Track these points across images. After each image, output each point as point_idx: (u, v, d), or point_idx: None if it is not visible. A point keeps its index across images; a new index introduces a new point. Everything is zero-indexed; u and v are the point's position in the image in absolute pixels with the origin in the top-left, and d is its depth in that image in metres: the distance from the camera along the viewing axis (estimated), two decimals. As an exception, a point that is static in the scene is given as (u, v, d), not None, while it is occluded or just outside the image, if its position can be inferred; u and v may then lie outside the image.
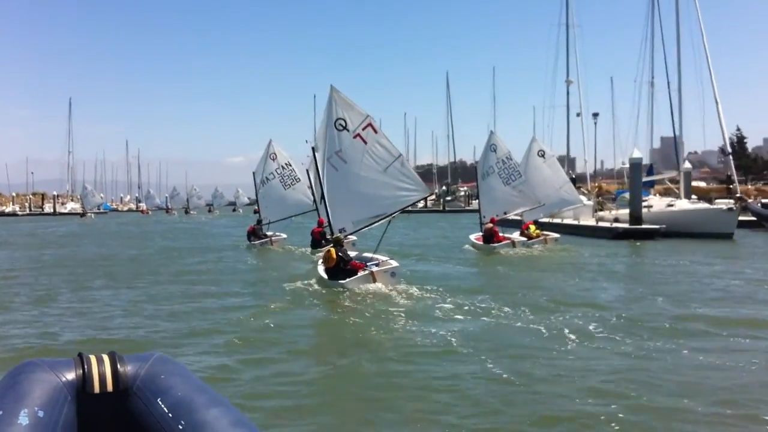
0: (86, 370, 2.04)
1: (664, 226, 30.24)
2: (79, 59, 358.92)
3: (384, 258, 15.88)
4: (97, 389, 2.02)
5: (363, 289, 14.03)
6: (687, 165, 38.31)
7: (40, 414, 1.87)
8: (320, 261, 15.91)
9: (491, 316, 11.31)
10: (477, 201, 77.86)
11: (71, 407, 1.99)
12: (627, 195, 41.00)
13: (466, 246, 26.03)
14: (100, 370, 2.05)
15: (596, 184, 56.02)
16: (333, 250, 15.01)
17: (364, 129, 15.86)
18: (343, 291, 14.00)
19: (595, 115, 50.41)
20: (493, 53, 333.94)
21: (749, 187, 51.08)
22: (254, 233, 27.75)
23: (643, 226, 31.00)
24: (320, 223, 24.16)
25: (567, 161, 51.72)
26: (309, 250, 24.71)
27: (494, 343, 9.36)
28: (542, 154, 29.39)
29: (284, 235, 28.14)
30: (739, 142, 62.73)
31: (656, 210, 32.98)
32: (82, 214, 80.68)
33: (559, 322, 10.74)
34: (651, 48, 41.47)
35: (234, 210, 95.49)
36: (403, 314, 11.52)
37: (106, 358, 2.10)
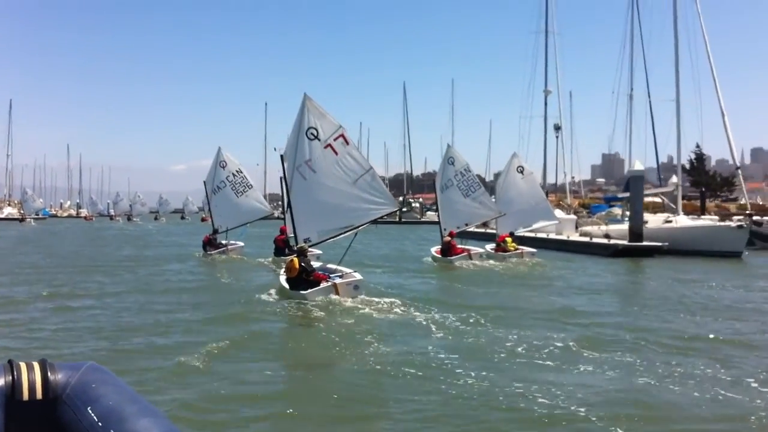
0: (16, 377, 2.01)
1: (666, 243, 28.62)
2: (20, 60, 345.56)
3: (348, 270, 15.76)
4: (26, 396, 2.00)
5: (325, 301, 13.82)
6: (674, 179, 36.96)
7: None
8: (282, 271, 15.64)
9: (457, 331, 11.18)
10: (430, 212, 77.92)
11: None
12: (615, 210, 39.95)
13: (426, 258, 26.13)
14: (30, 377, 2.02)
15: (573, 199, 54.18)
16: (296, 260, 14.81)
17: (335, 139, 15.70)
18: (304, 302, 13.76)
19: (558, 128, 48.53)
20: (451, 66, 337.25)
21: (709, 203, 50.51)
22: (210, 243, 27.10)
23: (645, 243, 29.25)
24: (283, 231, 23.85)
25: (544, 175, 49.30)
26: (268, 259, 24.39)
27: (460, 358, 9.19)
28: (521, 170, 29.29)
29: (241, 243, 27.64)
30: (699, 160, 61.84)
31: (653, 226, 30.93)
32: (21, 219, 77.45)
33: (529, 338, 10.59)
34: (630, 58, 41.37)
35: (182, 218, 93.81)
36: (364, 328, 11.35)
37: (36, 365, 2.07)
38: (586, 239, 32.89)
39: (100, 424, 1.94)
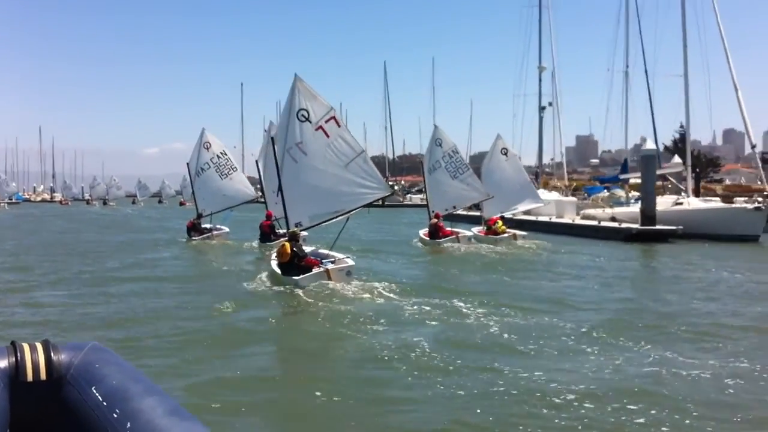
0: (19, 358, 2.03)
1: (681, 227, 27.31)
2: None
3: (340, 255, 15.57)
4: (30, 377, 2.01)
5: (317, 287, 13.62)
6: (676, 159, 35.98)
7: None
8: (273, 255, 15.38)
9: (456, 318, 10.92)
10: (409, 195, 76.94)
11: (3, 395, 1.97)
12: (618, 192, 38.75)
13: (414, 241, 25.94)
14: (33, 358, 2.04)
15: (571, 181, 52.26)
16: (288, 245, 14.60)
17: (327, 122, 15.40)
18: (296, 288, 13.57)
19: (543, 108, 46.50)
20: (431, 46, 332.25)
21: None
22: (194, 228, 26.55)
23: (659, 227, 27.86)
24: (269, 216, 23.48)
25: (540, 155, 47.96)
26: (255, 243, 24.00)
27: (458, 346, 8.96)
28: (505, 152, 28.97)
29: (226, 229, 27.17)
30: (682, 140, 61.77)
31: (662, 209, 29.23)
32: (-6, 204, 75.70)
33: (530, 324, 10.38)
34: (626, 34, 39.88)
35: (160, 201, 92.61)
36: (358, 316, 11.10)
37: (39, 346, 2.08)
38: (593, 223, 31.57)
39: (104, 403, 1.93)
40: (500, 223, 25.93)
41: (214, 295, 13.38)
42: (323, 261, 15.02)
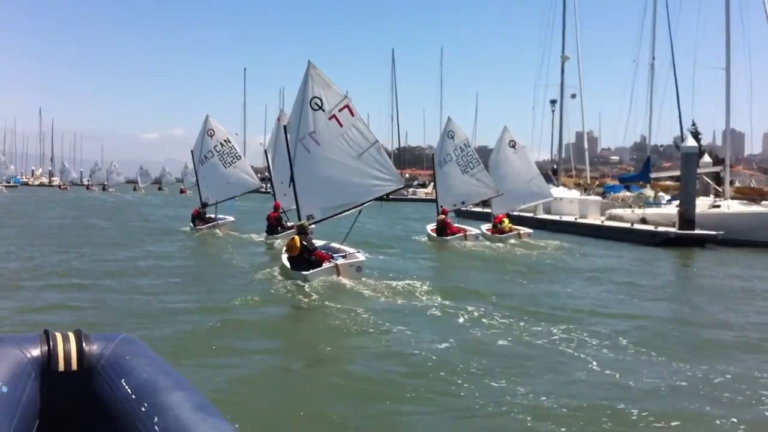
0: (51, 347, 2.02)
1: (721, 231, 25.26)
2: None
3: (351, 250, 15.24)
4: (61, 367, 2.01)
5: (326, 283, 13.38)
6: (707, 159, 34.37)
7: (4, 389, 1.88)
8: (284, 249, 15.07)
9: (470, 321, 10.47)
10: (411, 188, 75.97)
11: (35, 384, 1.98)
12: (646, 192, 36.27)
13: (422, 237, 25.37)
14: (66, 347, 2.03)
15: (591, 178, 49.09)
16: (297, 238, 14.30)
17: (340, 110, 14.93)
18: (305, 284, 13.25)
19: (554, 101, 44.43)
20: (438, 36, 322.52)
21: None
22: (199, 217, 26.07)
23: (699, 232, 25.75)
24: (276, 207, 23.02)
25: (560, 150, 46.06)
26: (261, 236, 23.55)
27: (471, 352, 8.55)
28: (513, 144, 27.74)
29: (232, 218, 26.74)
30: (695, 138, 58.79)
31: (699, 212, 26.80)
32: (-7, 187, 75.13)
33: (555, 332, 9.82)
34: (652, 24, 38.74)
35: (159, 188, 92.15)
36: (366, 313, 10.76)
37: (71, 336, 2.08)
38: (626, 225, 29.26)
39: (133, 396, 1.94)
40: (506, 221, 25.41)
41: (225, 291, 13.05)
42: (334, 255, 14.72)
